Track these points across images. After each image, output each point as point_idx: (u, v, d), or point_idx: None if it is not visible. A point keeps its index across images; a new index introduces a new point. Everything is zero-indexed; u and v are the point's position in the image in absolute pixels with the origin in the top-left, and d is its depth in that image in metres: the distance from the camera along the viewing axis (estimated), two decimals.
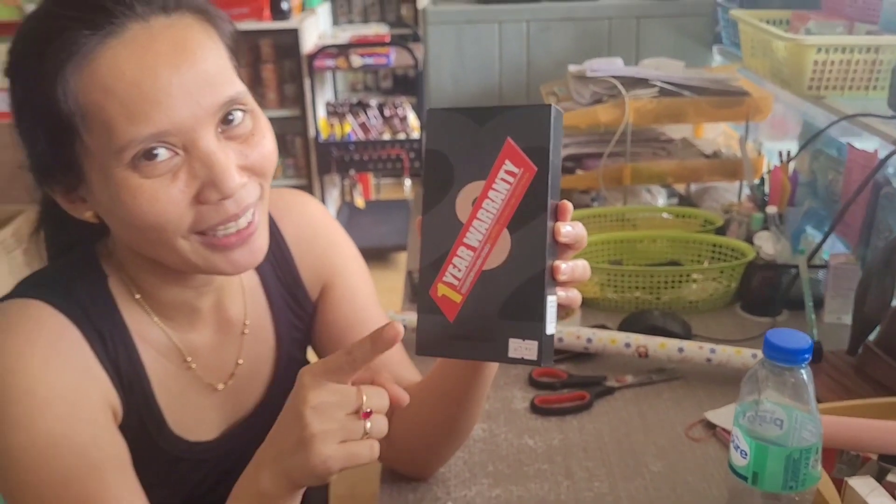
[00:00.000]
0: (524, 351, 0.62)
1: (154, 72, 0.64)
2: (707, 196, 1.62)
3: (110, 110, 0.63)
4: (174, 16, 0.67)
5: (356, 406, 0.63)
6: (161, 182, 0.66)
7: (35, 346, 0.70)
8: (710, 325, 1.26)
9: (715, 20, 1.99)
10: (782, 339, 0.70)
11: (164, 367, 0.80)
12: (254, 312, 0.87)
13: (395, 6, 4.91)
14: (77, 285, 0.75)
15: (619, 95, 1.53)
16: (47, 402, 0.69)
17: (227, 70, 0.70)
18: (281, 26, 3.25)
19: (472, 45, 2.04)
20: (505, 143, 0.62)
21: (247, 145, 0.70)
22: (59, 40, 0.64)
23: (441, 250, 0.64)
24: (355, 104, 3.65)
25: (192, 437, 0.83)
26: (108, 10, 0.64)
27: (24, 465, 0.68)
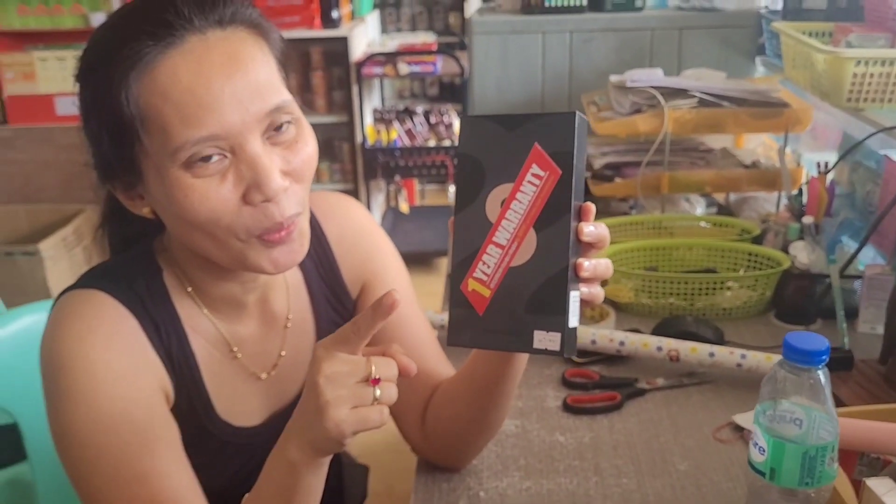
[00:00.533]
0: (548, 342, 0.67)
1: (208, 80, 0.70)
2: (746, 206, 1.64)
3: (167, 114, 0.69)
4: (229, 29, 0.73)
5: (365, 374, 0.67)
6: (211, 182, 0.71)
7: (96, 332, 0.76)
8: (744, 332, 1.28)
9: (758, 31, 2.00)
10: (801, 342, 0.73)
11: (212, 356, 0.85)
12: (296, 307, 0.92)
13: (443, 15, 4.98)
14: (135, 278, 0.81)
15: (659, 105, 1.56)
16: (106, 382, 0.74)
17: (275, 80, 0.75)
18: (331, 34, 3.33)
19: (517, 55, 2.09)
20: (532, 148, 0.66)
21: (290, 151, 0.75)
22: (125, 49, 0.70)
23: (472, 248, 0.68)
24: (402, 111, 3.72)
25: (237, 422, 0.88)
26: (169, 23, 0.70)
27: (85, 440, 0.74)
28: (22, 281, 2.64)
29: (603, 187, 1.66)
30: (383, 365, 0.69)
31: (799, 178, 1.59)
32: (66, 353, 0.75)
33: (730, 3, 2.04)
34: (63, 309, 0.78)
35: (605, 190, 1.67)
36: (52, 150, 2.93)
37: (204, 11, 0.72)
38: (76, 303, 0.78)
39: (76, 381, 0.74)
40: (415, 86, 4.78)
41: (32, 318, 1.22)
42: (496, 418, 0.89)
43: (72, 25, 2.88)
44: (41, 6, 2.85)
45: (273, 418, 0.91)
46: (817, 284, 1.28)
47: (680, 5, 2.12)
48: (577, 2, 2.08)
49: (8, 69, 2.90)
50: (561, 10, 2.08)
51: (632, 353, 1.17)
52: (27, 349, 1.18)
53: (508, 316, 0.68)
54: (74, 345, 0.75)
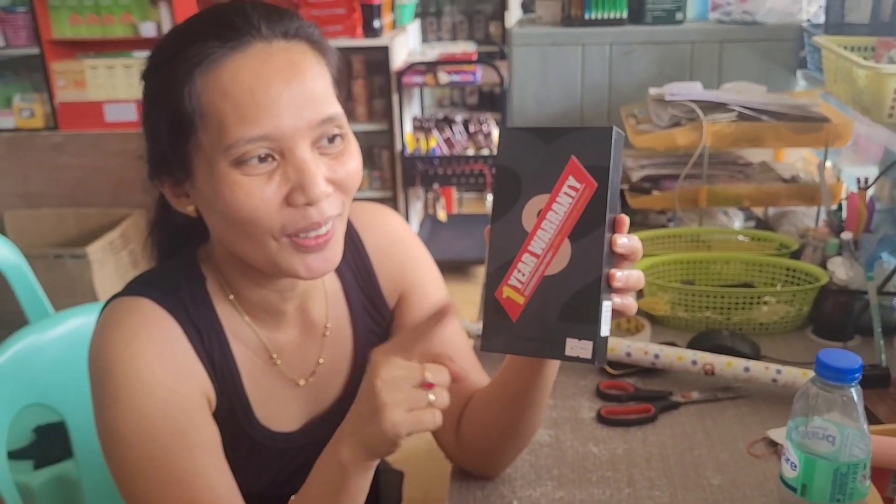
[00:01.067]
0: (580, 350, 0.68)
1: (267, 83, 0.73)
2: (785, 220, 1.63)
3: (225, 111, 0.73)
4: (292, 42, 0.77)
5: (420, 378, 0.70)
6: (258, 181, 0.74)
7: (141, 338, 0.79)
8: (780, 347, 1.27)
9: (800, 45, 1.99)
10: (833, 359, 0.74)
11: (253, 362, 0.88)
12: (335, 316, 0.95)
13: (484, 24, 5.01)
14: (180, 286, 0.84)
15: (698, 119, 1.56)
16: (150, 387, 0.77)
17: (329, 94, 0.78)
18: (372, 43, 3.38)
19: (556, 67, 2.11)
20: (569, 160, 0.68)
21: (336, 162, 0.78)
22: (193, 48, 0.74)
23: (507, 256, 0.70)
24: (441, 119, 3.76)
25: (276, 427, 0.91)
26: (238, 28, 0.75)
27: (130, 442, 0.77)
28: (70, 282, 2.72)
29: (641, 200, 1.67)
30: (437, 371, 0.72)
31: (839, 193, 1.57)
32: (112, 358, 0.78)
33: (771, 16, 2.03)
34: (111, 315, 0.81)
35: (642, 202, 1.67)
36: (101, 155, 3.03)
37: (271, 22, 0.76)
38: (123, 310, 0.81)
39: (122, 386, 0.77)
40: (454, 94, 4.81)
41: (80, 320, 1.27)
42: (528, 427, 0.91)
43: (122, 34, 2.97)
44: (93, 16, 2.95)
45: (311, 424, 0.94)
46: (855, 301, 1.27)
47: (721, 18, 2.12)
48: (618, 14, 2.09)
49: (60, 77, 3.00)
50: (601, 22, 2.09)
51: (667, 367, 1.18)
52: (75, 350, 1.22)
53: (541, 323, 0.70)
54: (121, 351, 0.78)
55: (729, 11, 2.11)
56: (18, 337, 1.21)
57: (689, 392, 1.15)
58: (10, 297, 1.74)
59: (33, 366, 1.21)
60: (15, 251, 1.75)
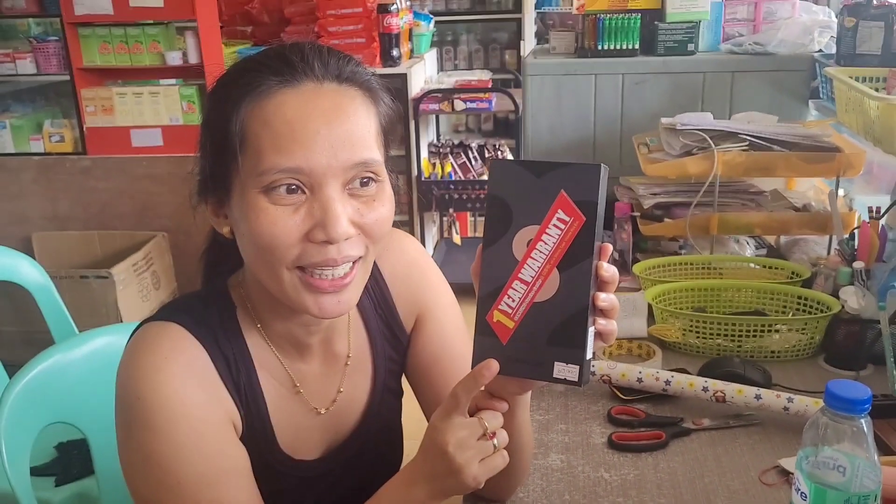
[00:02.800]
0: (567, 373, 0.73)
1: (308, 119, 0.76)
2: (797, 248, 1.64)
3: (263, 139, 0.76)
4: (344, 85, 0.80)
5: (482, 431, 0.76)
6: (283, 211, 0.76)
7: (173, 365, 0.80)
8: (792, 375, 1.28)
9: (812, 75, 2.01)
10: (843, 390, 0.75)
11: (278, 391, 0.90)
12: (356, 346, 0.96)
13: (499, 53, 5.07)
14: (211, 314, 0.86)
15: (709, 148, 1.58)
16: (182, 415, 0.79)
17: (370, 139, 0.80)
18: (391, 71, 3.44)
19: (569, 95, 2.14)
20: (559, 194, 0.71)
21: (366, 207, 0.79)
22: (247, 77, 0.78)
23: (498, 282, 0.74)
24: (456, 145, 3.80)
25: (297, 455, 0.92)
26: (292, 64, 0.78)
27: (165, 467, 0.78)
28: (94, 303, 2.77)
29: (653, 227, 1.69)
30: (492, 418, 0.77)
31: (851, 222, 1.58)
32: (143, 384, 0.79)
33: (783, 47, 2.05)
34: (142, 339, 0.83)
35: (654, 230, 1.69)
36: (126, 179, 3.09)
37: (326, 64, 0.79)
38: (154, 334, 0.83)
39: (153, 412, 0.78)
40: (470, 120, 4.87)
41: (104, 340, 1.30)
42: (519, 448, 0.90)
43: (149, 63, 3.04)
44: (121, 45, 3.03)
45: (329, 453, 0.95)
46: (868, 330, 1.28)
47: (732, 49, 2.14)
48: (630, 45, 2.12)
49: (89, 103, 3.07)
50: (614, 53, 2.13)
51: (678, 393, 1.19)
52: (99, 369, 1.26)
53: (530, 347, 0.73)
54: (151, 376, 0.79)
55: (740, 42, 2.14)
56: (44, 356, 1.24)
57: (700, 419, 1.16)
58: (38, 317, 1.78)
59: (58, 384, 1.24)
60: (42, 272, 1.80)
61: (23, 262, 1.79)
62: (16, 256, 1.80)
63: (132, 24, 3.00)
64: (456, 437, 0.74)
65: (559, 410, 1.22)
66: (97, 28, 3.01)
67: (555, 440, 1.14)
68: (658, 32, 2.10)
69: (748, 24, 2.21)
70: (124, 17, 2.94)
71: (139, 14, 2.94)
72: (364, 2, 3.36)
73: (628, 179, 1.83)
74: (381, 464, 0.99)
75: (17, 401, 1.18)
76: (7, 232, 3.18)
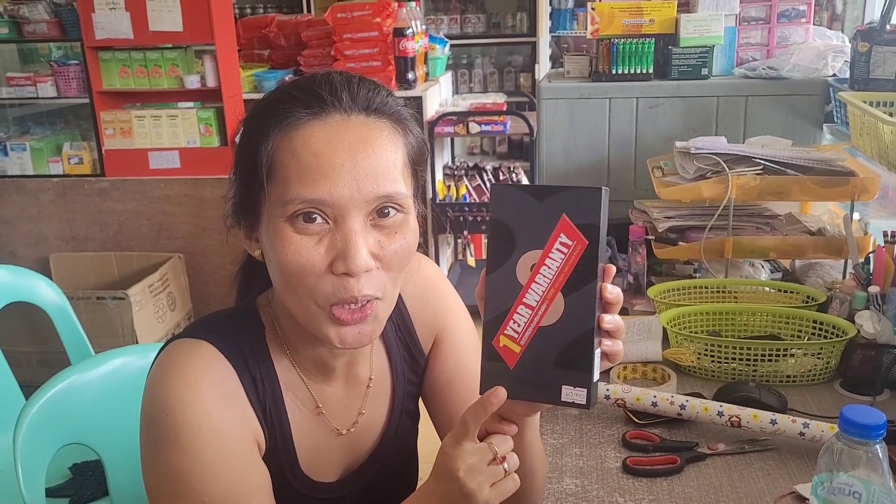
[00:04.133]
0: (575, 396, 0.73)
1: (334, 152, 0.77)
2: (812, 272, 1.64)
3: (290, 170, 0.78)
4: (372, 117, 0.81)
5: (493, 456, 0.76)
6: (308, 241, 0.77)
7: (203, 384, 0.81)
8: (808, 400, 1.27)
9: (826, 99, 2.01)
10: (857, 415, 0.75)
11: (301, 412, 0.91)
12: (378, 369, 0.98)
13: (514, 76, 5.11)
14: (240, 333, 0.87)
15: (723, 172, 1.59)
16: (211, 434, 0.80)
17: (395, 172, 0.80)
18: (406, 94, 3.46)
19: (583, 119, 2.15)
20: (560, 218, 0.72)
21: (388, 238, 0.80)
22: (278, 108, 0.80)
23: (503, 307, 0.74)
24: (471, 167, 3.82)
25: (317, 477, 0.93)
26: (322, 97, 0.79)
27: (192, 485, 0.79)
28: (110, 324, 2.80)
29: (667, 250, 1.69)
30: (502, 442, 0.77)
31: (866, 246, 1.58)
32: (173, 400, 0.80)
33: (796, 71, 2.06)
34: (172, 356, 0.84)
35: (668, 253, 1.69)
36: (143, 201, 3.13)
37: (355, 96, 0.81)
38: (184, 352, 0.84)
39: (182, 429, 0.79)
40: (484, 142, 4.89)
41: (120, 361, 1.31)
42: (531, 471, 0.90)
43: (167, 86, 3.09)
44: (141, 68, 3.08)
45: (347, 474, 0.96)
46: (884, 355, 1.27)
47: (746, 73, 2.15)
48: (644, 69, 2.14)
49: (108, 125, 3.12)
50: (628, 77, 2.14)
51: (693, 417, 1.19)
52: (114, 390, 1.27)
53: (538, 370, 0.74)
54: (182, 393, 0.80)
55: (754, 67, 2.14)
56: (61, 377, 1.25)
57: (715, 444, 1.16)
58: (54, 338, 1.80)
59: (74, 405, 1.25)
60: (59, 293, 1.82)
61: (40, 282, 1.82)
62: (33, 277, 1.83)
63: (151, 49, 3.05)
64: (466, 462, 0.75)
65: (573, 434, 1.21)
66: (117, 52, 3.06)
67: (569, 464, 1.13)
68: (672, 57, 2.11)
69: (762, 49, 2.22)
70: (144, 41, 3.00)
71: (158, 38, 2.99)
72: (380, 26, 3.41)
73: (643, 202, 1.83)
74: (398, 487, 0.99)
75: (34, 422, 1.19)
76: (25, 253, 3.23)
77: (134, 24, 2.95)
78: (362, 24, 3.41)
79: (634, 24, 2.14)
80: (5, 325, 1.83)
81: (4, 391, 1.79)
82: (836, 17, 4.54)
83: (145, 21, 2.94)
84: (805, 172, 1.57)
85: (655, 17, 2.13)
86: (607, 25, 2.14)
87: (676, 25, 2.13)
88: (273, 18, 3.83)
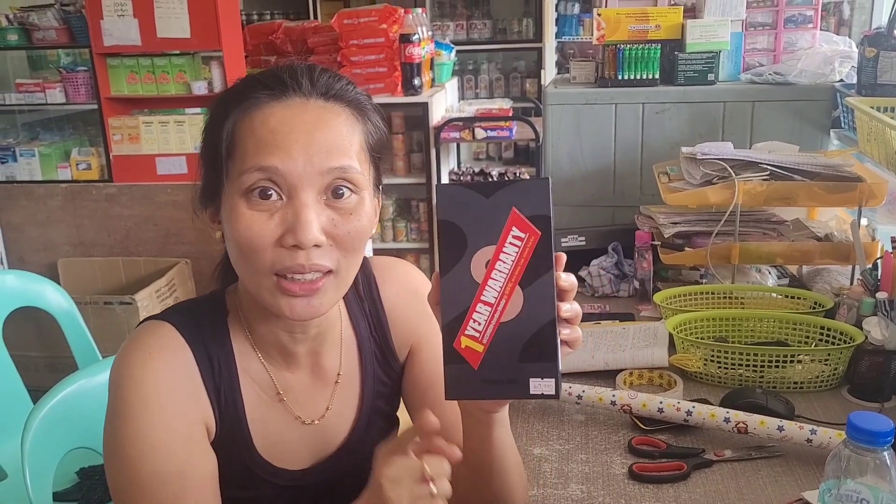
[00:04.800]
0: (543, 388, 0.72)
1: (289, 127, 0.80)
2: (819, 278, 1.63)
3: (247, 144, 0.80)
4: (331, 102, 0.84)
5: (420, 474, 0.74)
6: (259, 216, 0.79)
7: (156, 362, 0.84)
8: (816, 407, 1.27)
9: (833, 105, 2.01)
10: (864, 422, 0.75)
11: (259, 397, 0.92)
12: (347, 365, 0.98)
13: (520, 82, 5.12)
14: (203, 315, 0.90)
15: (730, 177, 1.59)
16: (154, 411, 0.82)
17: (349, 149, 0.82)
18: (412, 100, 3.48)
19: (589, 124, 2.15)
20: (511, 212, 0.72)
21: (342, 218, 0.82)
22: (243, 91, 0.83)
23: (461, 307, 0.73)
24: (477, 173, 3.83)
25: (280, 463, 0.94)
26: (283, 81, 0.83)
27: (129, 458, 0.81)
28: (118, 329, 2.81)
29: (673, 256, 1.69)
30: (435, 463, 0.75)
31: (873, 252, 1.57)
32: (125, 376, 0.83)
33: (803, 77, 2.05)
34: (137, 335, 0.87)
35: (675, 259, 1.69)
36: (151, 206, 3.14)
37: (314, 82, 0.84)
38: (145, 332, 0.87)
39: (128, 404, 0.82)
40: (491, 148, 4.90)
41: None
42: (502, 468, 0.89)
43: (175, 92, 3.11)
44: (148, 75, 3.10)
45: (316, 465, 0.97)
46: (892, 361, 1.27)
47: (753, 79, 2.15)
48: (650, 75, 2.14)
49: (116, 131, 3.14)
50: (634, 82, 2.14)
51: (699, 423, 1.18)
52: None
53: (503, 367, 0.73)
54: (134, 370, 0.83)
55: (760, 72, 2.14)
56: (68, 382, 1.27)
57: (722, 450, 1.15)
58: (62, 342, 1.81)
59: (81, 410, 1.26)
60: (67, 298, 1.83)
61: (48, 287, 1.83)
62: (41, 282, 1.84)
63: (159, 55, 3.07)
64: (392, 471, 0.74)
65: (579, 440, 1.21)
66: (125, 58, 3.08)
67: (575, 470, 1.13)
68: (678, 62, 2.11)
69: (768, 54, 2.22)
70: (152, 47, 3.02)
71: (166, 45, 3.01)
72: (386, 32, 3.42)
73: (649, 208, 1.83)
74: None
75: (42, 426, 1.20)
76: (34, 258, 3.25)
77: (142, 31, 2.97)
78: (368, 30, 3.42)
79: (640, 29, 2.14)
80: (14, 330, 1.84)
81: (12, 396, 1.80)
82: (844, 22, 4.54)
83: (153, 28, 2.96)
84: (812, 178, 1.57)
85: (661, 22, 2.13)
86: (613, 31, 2.14)
87: (682, 31, 2.14)
88: (280, 25, 3.85)
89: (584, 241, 1.85)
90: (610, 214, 2.17)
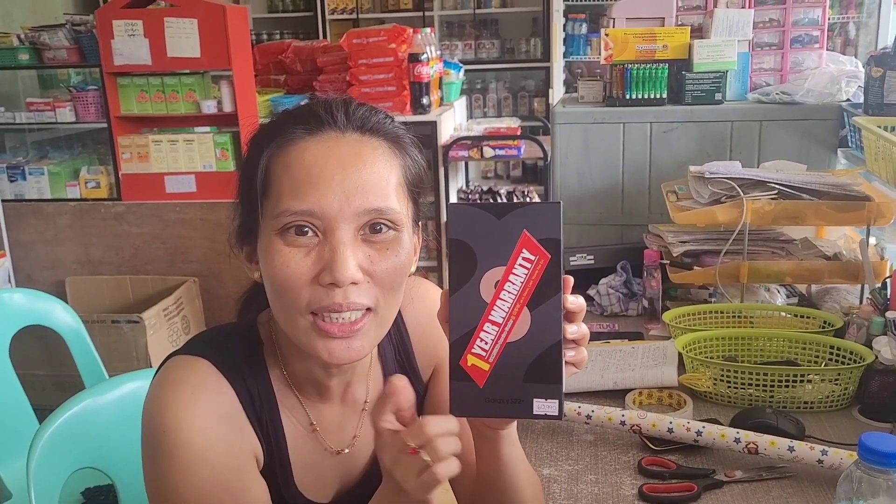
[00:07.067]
0: (547, 408, 0.73)
1: (325, 165, 0.79)
2: (828, 297, 1.62)
3: (283, 183, 0.79)
4: (367, 136, 0.82)
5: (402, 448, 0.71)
6: (296, 253, 0.78)
7: (198, 401, 0.82)
8: (827, 427, 1.26)
9: (840, 124, 2.01)
10: (876, 443, 0.74)
11: (297, 430, 0.91)
12: (374, 392, 0.97)
13: (528, 101, 5.14)
14: (238, 349, 0.88)
15: (738, 196, 1.58)
16: (205, 451, 0.81)
17: (387, 188, 0.80)
18: (421, 119, 3.49)
19: (597, 143, 2.16)
20: (522, 234, 0.72)
21: (379, 255, 0.80)
22: (277, 127, 0.82)
23: (469, 326, 0.74)
24: (485, 191, 3.83)
25: (311, 495, 0.93)
26: (318, 116, 0.82)
27: (187, 501, 0.80)
28: (125, 347, 2.81)
29: (682, 275, 1.68)
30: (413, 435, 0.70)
31: (882, 271, 1.57)
32: (169, 419, 0.81)
33: (810, 96, 2.06)
34: (170, 374, 0.85)
35: (683, 278, 1.68)
36: (159, 224, 3.15)
37: (349, 115, 0.83)
38: (181, 368, 0.85)
39: (178, 447, 0.80)
40: (499, 166, 4.91)
41: (134, 385, 1.31)
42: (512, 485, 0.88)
43: (184, 111, 3.13)
44: (158, 93, 3.12)
45: (341, 494, 0.96)
46: None
47: (760, 98, 2.15)
48: (658, 94, 2.14)
49: (125, 150, 3.16)
50: (642, 102, 2.15)
51: (709, 444, 1.17)
52: (128, 414, 1.27)
53: (508, 387, 0.74)
54: (178, 411, 0.81)
55: (768, 92, 2.15)
56: (75, 401, 1.26)
57: (732, 471, 1.14)
58: (68, 361, 1.81)
59: (88, 429, 1.25)
60: (74, 316, 1.83)
61: (56, 306, 1.83)
62: (49, 300, 1.84)
63: (169, 74, 3.09)
64: (387, 455, 0.72)
65: (589, 461, 1.20)
66: (135, 78, 3.11)
67: (584, 491, 1.12)
68: (685, 82, 2.12)
69: (775, 74, 2.22)
70: (162, 67, 3.04)
71: (176, 64, 3.03)
72: (395, 51, 3.44)
73: (657, 227, 1.83)
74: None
75: (47, 445, 1.19)
76: (41, 276, 3.25)
77: (152, 51, 3.00)
78: (378, 49, 3.45)
79: (648, 49, 2.15)
80: (21, 349, 1.84)
81: (18, 414, 1.80)
82: (850, 42, 4.55)
83: (163, 47, 2.99)
84: (820, 197, 1.57)
85: (669, 42, 2.14)
86: (621, 51, 2.15)
87: (690, 51, 2.14)
88: (289, 44, 3.88)
89: (592, 260, 1.85)
90: (618, 233, 2.17)
